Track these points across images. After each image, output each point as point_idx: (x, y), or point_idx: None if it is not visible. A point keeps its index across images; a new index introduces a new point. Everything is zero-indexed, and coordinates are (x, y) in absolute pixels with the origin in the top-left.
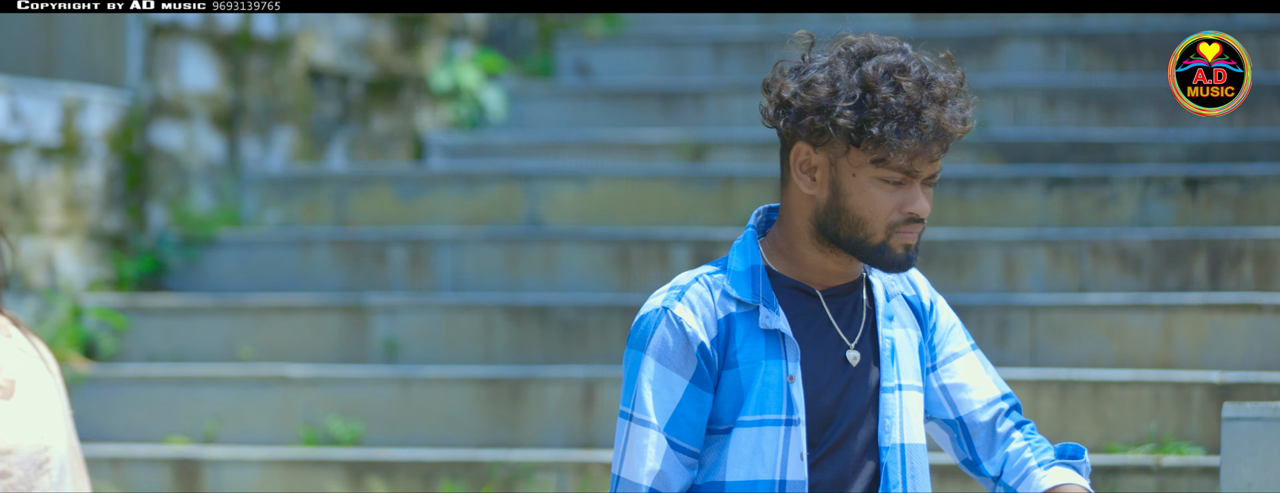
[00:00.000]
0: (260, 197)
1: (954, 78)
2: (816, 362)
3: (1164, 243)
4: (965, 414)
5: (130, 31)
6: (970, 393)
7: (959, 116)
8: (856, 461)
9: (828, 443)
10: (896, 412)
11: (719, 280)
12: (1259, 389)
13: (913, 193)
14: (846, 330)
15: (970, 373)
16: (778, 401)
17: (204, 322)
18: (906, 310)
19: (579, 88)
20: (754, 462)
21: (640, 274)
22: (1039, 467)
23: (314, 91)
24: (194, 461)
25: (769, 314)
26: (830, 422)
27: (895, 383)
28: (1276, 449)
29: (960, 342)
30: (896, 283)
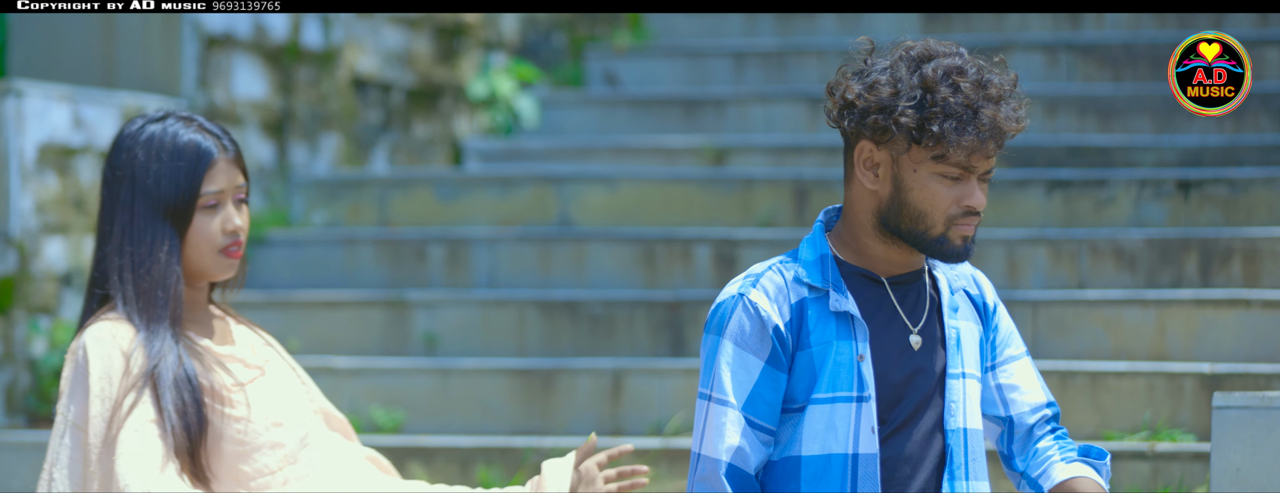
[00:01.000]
0: (308, 199)
1: (1007, 79)
2: (884, 343)
3: (1158, 242)
4: (1015, 414)
5: (186, 43)
6: (1021, 395)
7: (1013, 115)
8: (923, 440)
9: (896, 421)
10: (961, 398)
11: (791, 268)
12: (1247, 380)
13: (970, 187)
14: (910, 316)
15: (1024, 377)
16: (849, 379)
17: (255, 315)
18: (969, 306)
19: (607, 96)
20: (828, 436)
21: (665, 271)
22: (1061, 462)
23: (358, 100)
24: None
25: (838, 298)
26: (898, 401)
27: (960, 370)
28: (1264, 436)
29: (1017, 346)
30: (960, 279)
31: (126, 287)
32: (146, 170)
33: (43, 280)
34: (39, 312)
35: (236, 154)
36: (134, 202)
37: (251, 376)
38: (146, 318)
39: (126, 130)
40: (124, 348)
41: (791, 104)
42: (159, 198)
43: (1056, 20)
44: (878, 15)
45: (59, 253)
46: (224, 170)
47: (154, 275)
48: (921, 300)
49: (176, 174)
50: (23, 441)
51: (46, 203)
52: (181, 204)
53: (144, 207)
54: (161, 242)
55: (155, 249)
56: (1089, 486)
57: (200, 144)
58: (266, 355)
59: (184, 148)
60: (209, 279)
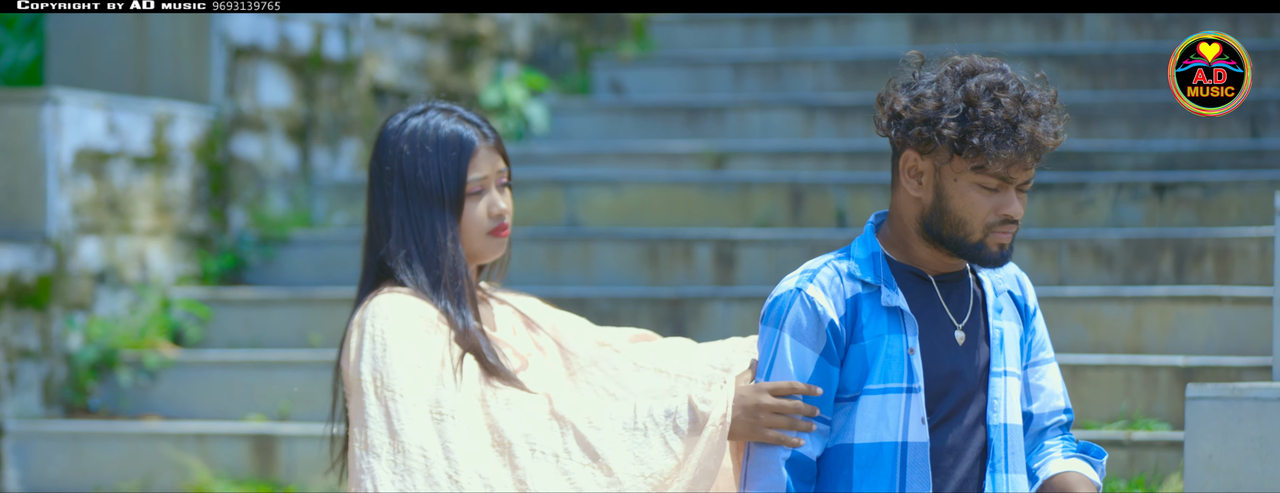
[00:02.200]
0: (329, 201)
1: (1047, 95)
2: (932, 338)
3: (1134, 242)
4: (1036, 413)
5: (214, 53)
6: (1046, 397)
7: (1052, 130)
8: (966, 433)
9: (942, 413)
10: (1003, 395)
11: (845, 265)
12: (1219, 372)
13: (1008, 197)
14: (955, 313)
15: (1052, 380)
16: (900, 370)
17: (279, 312)
18: (1012, 307)
19: (613, 104)
20: (879, 425)
21: (667, 270)
22: (1060, 456)
23: (377, 107)
24: (270, 436)
25: (890, 294)
26: (944, 394)
27: (1003, 369)
28: (1234, 425)
29: (1049, 350)
30: (1004, 280)
31: (418, 276)
32: (414, 163)
33: (78, 278)
34: (75, 308)
35: (496, 141)
36: (407, 194)
37: (516, 365)
38: (444, 303)
39: (389, 125)
40: (424, 310)
41: (787, 111)
42: (429, 189)
43: (1038, 31)
44: (870, 25)
45: (94, 252)
46: (486, 157)
47: (443, 263)
48: (966, 299)
49: (443, 165)
50: (60, 430)
51: (82, 205)
52: (451, 193)
53: (418, 198)
54: (445, 230)
55: (440, 237)
56: (1079, 481)
57: (462, 134)
58: (528, 346)
59: (447, 139)
60: (481, 261)
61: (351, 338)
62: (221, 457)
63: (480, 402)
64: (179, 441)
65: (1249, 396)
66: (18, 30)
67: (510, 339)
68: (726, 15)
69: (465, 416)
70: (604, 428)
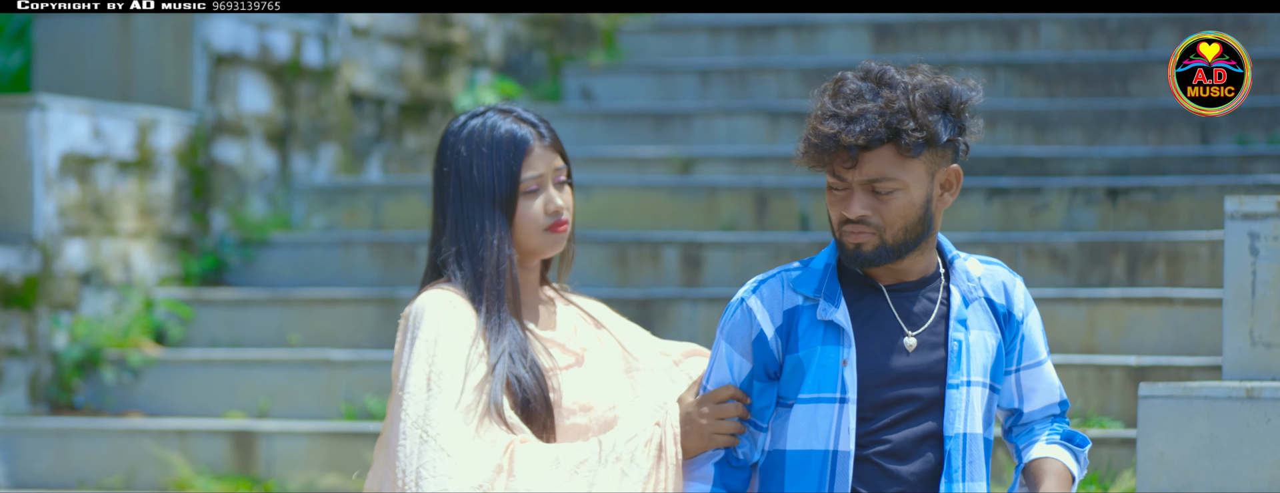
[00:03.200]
0: (307, 204)
1: (874, 95)
2: (875, 349)
3: (1088, 245)
4: (1026, 410)
5: (196, 60)
6: (1036, 396)
7: (855, 130)
8: (916, 442)
9: (883, 421)
10: (961, 405)
11: (792, 276)
12: (1170, 371)
13: (848, 196)
14: (910, 323)
15: (1043, 380)
16: (832, 382)
17: (258, 312)
18: (987, 316)
19: (583, 110)
20: (810, 434)
21: (636, 271)
22: (1044, 442)
23: (354, 113)
24: (250, 433)
25: (826, 307)
26: (888, 403)
27: (962, 380)
28: (1185, 423)
29: (1041, 351)
30: (977, 289)
31: (464, 272)
32: (470, 164)
33: (64, 279)
34: (60, 308)
35: (553, 139)
36: (461, 194)
37: (567, 362)
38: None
39: (451, 127)
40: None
41: (753, 118)
42: (483, 189)
43: (995, 40)
44: (832, 34)
45: (79, 254)
46: (541, 156)
47: (487, 260)
48: (929, 308)
49: (497, 165)
50: (46, 427)
51: (67, 208)
52: (505, 192)
53: (471, 198)
54: (492, 228)
55: (486, 235)
56: (1054, 465)
57: (516, 134)
58: (586, 342)
59: (501, 139)
60: (540, 256)
61: (398, 332)
62: (202, 453)
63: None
64: (161, 437)
65: (1200, 394)
66: (5, 38)
67: (568, 337)
68: (694, 24)
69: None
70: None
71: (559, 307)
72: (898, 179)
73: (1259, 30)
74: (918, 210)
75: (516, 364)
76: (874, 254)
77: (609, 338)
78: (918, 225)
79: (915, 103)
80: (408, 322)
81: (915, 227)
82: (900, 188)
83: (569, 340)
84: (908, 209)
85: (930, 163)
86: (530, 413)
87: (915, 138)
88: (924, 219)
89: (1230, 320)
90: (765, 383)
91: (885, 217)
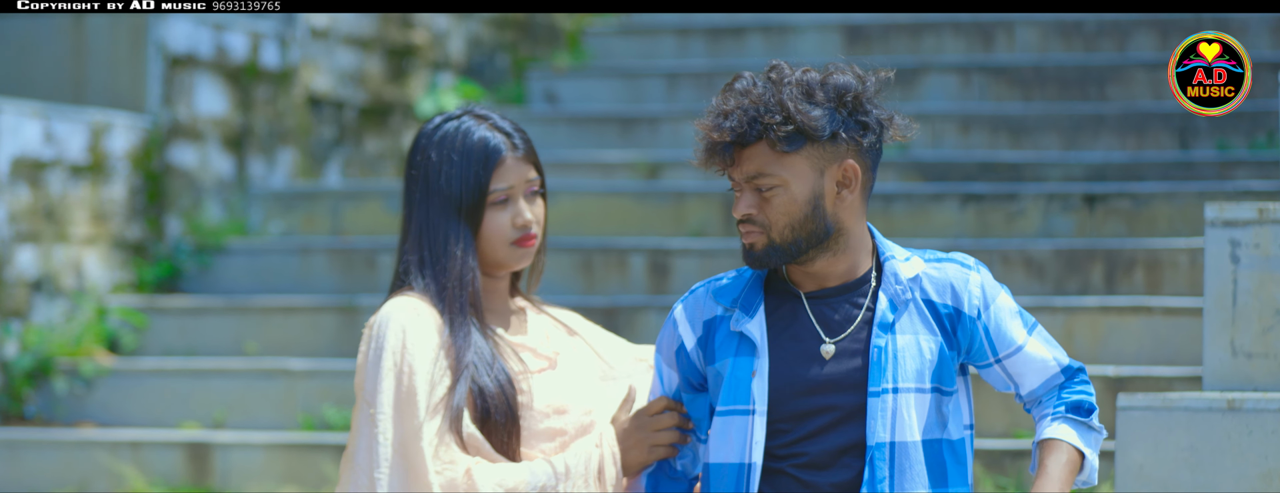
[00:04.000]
0: (265, 209)
1: (767, 93)
2: (789, 359)
3: (1065, 252)
4: (1025, 392)
5: (151, 62)
6: (1029, 375)
7: (724, 126)
8: (836, 454)
9: (801, 433)
10: (885, 413)
11: (717, 285)
12: (1149, 382)
13: (740, 197)
14: (828, 329)
15: (1030, 362)
16: (744, 393)
17: (214, 320)
18: (925, 319)
19: (547, 114)
20: (726, 447)
21: (601, 279)
22: (1049, 419)
23: (313, 117)
24: (205, 444)
25: (739, 317)
26: (804, 413)
27: (886, 387)
28: (1165, 435)
29: (1019, 333)
30: (909, 292)
31: (426, 280)
32: (438, 170)
33: (14, 286)
34: (10, 316)
35: (527, 150)
36: (427, 200)
37: (540, 366)
38: (448, 309)
39: (424, 130)
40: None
41: None
42: (450, 196)
43: (970, 42)
44: (803, 37)
45: (30, 260)
46: (513, 167)
47: (450, 271)
48: (851, 315)
49: (466, 173)
50: None
51: (19, 213)
52: (471, 202)
53: (437, 205)
54: (455, 239)
55: (449, 246)
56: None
57: (489, 142)
58: (559, 347)
59: (473, 147)
60: (506, 269)
61: (361, 342)
62: (156, 465)
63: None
64: (114, 449)
65: (1179, 406)
66: None
67: (540, 342)
68: (661, 25)
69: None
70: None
71: (531, 315)
72: (776, 175)
73: (1239, 32)
74: (803, 208)
75: (482, 374)
76: (764, 254)
77: (583, 345)
78: (806, 223)
79: (787, 96)
80: (373, 331)
81: (803, 225)
82: (780, 184)
83: (541, 345)
84: (790, 207)
85: (815, 158)
86: (490, 426)
87: (785, 131)
88: (815, 218)
89: (1211, 330)
90: (693, 394)
91: (769, 215)
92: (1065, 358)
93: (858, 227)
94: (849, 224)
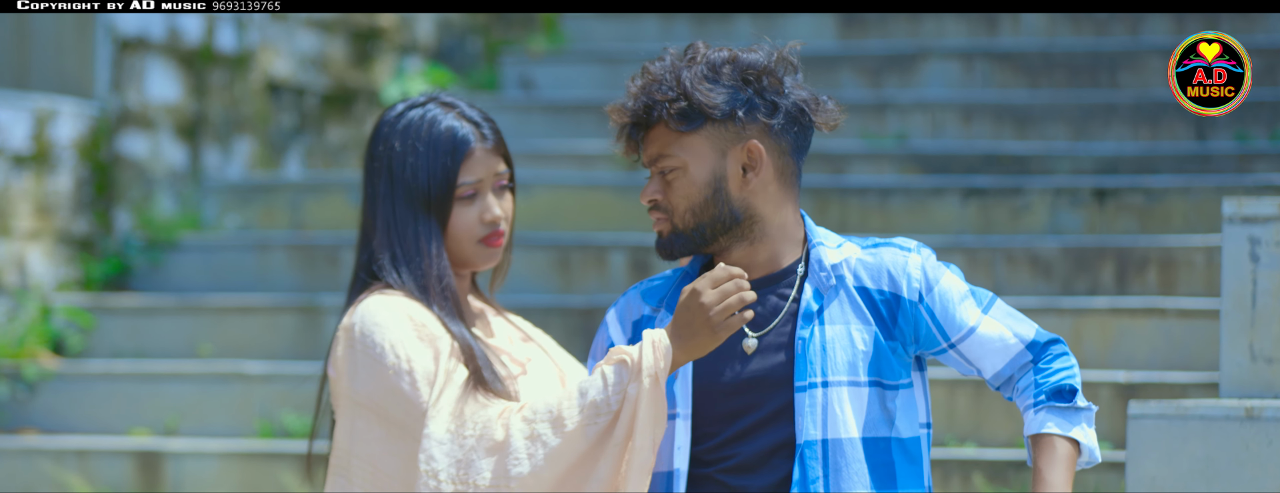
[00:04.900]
0: (220, 203)
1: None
2: (711, 358)
3: (1073, 250)
4: (989, 376)
5: (99, 45)
6: (990, 357)
7: (626, 106)
8: (767, 454)
9: (728, 434)
10: (814, 408)
11: (647, 286)
12: (1162, 389)
13: (649, 182)
14: (753, 323)
15: (988, 344)
16: (668, 396)
17: (166, 321)
18: (857, 307)
19: (522, 101)
20: (662, 454)
21: (579, 277)
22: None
23: (272, 103)
24: (156, 453)
25: (664, 317)
26: (732, 414)
27: (813, 380)
28: (1179, 445)
29: (970, 314)
30: (836, 278)
31: (403, 278)
32: (403, 161)
33: None
34: None
35: (497, 141)
36: (393, 194)
37: (516, 371)
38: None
39: (386, 117)
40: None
41: None
42: (416, 189)
43: (972, 26)
44: (795, 21)
45: None
46: (482, 160)
47: (428, 271)
48: (777, 307)
49: (433, 165)
50: None
51: None
52: (439, 196)
53: (403, 198)
54: (426, 236)
55: (421, 243)
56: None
57: (457, 132)
58: (529, 353)
59: (440, 137)
60: (471, 269)
61: (339, 346)
62: (104, 474)
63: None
64: (59, 457)
65: (1194, 414)
66: None
67: (511, 346)
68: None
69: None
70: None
71: (493, 318)
72: (675, 156)
73: (1260, 18)
74: (702, 191)
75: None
76: (669, 242)
77: (540, 351)
78: (708, 208)
79: (688, 74)
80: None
81: (704, 209)
82: (679, 166)
83: (515, 350)
84: (690, 189)
85: (716, 139)
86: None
87: (677, 108)
88: (716, 202)
89: (1228, 333)
90: None
91: (671, 199)
92: (1030, 332)
93: (776, 214)
94: (762, 210)
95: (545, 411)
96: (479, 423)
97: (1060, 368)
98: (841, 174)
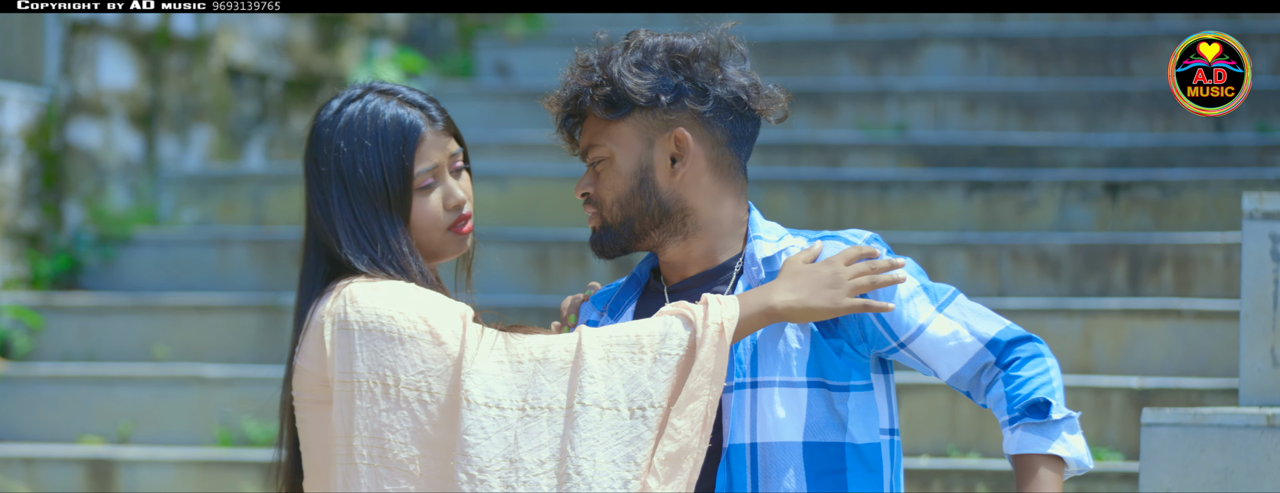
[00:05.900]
0: (177, 195)
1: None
2: None
3: (1084, 247)
4: (948, 378)
5: (49, 29)
6: (945, 357)
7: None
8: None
9: None
10: (742, 409)
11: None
12: (1178, 395)
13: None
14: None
15: (940, 344)
16: None
17: (119, 321)
18: None
19: (498, 88)
20: None
21: (559, 275)
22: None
23: (232, 90)
24: (108, 461)
25: (606, 322)
26: None
27: (742, 381)
28: (1195, 455)
29: (921, 312)
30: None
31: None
32: (352, 161)
33: None
34: None
35: (445, 121)
36: (350, 197)
37: None
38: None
39: (322, 117)
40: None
41: None
42: (372, 188)
43: (976, 10)
44: (789, 4)
45: None
46: (434, 143)
47: (411, 271)
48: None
49: (385, 158)
50: None
51: None
52: (397, 191)
53: (361, 200)
54: (394, 234)
55: (393, 243)
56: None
57: (403, 120)
58: None
59: (386, 128)
60: (442, 259)
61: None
62: (53, 484)
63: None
64: (4, 465)
65: (1212, 422)
66: None
67: None
68: None
69: None
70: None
71: None
72: (603, 146)
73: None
74: (628, 182)
75: None
76: (599, 237)
77: None
78: (634, 200)
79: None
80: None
81: (631, 201)
82: (606, 156)
83: None
84: (616, 181)
85: (643, 127)
86: None
87: (601, 94)
88: (643, 193)
89: (1248, 336)
90: None
91: (600, 192)
92: (992, 330)
93: (713, 207)
94: (694, 203)
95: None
96: (538, 345)
97: (1031, 376)
98: (838, 166)
